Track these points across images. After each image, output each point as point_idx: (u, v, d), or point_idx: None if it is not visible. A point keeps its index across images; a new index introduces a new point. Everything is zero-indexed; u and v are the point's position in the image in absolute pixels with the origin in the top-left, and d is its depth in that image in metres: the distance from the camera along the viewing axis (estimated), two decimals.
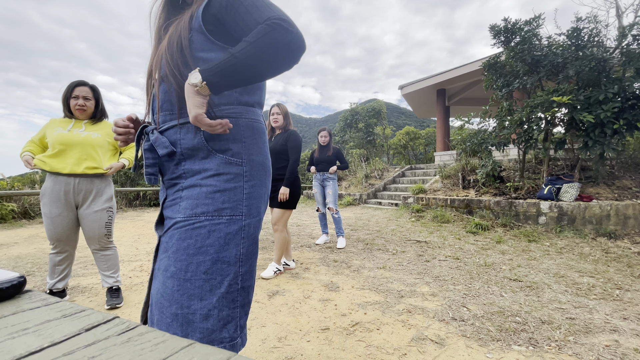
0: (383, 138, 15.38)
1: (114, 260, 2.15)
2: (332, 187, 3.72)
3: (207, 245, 0.71)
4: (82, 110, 1.97)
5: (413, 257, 3.15)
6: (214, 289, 0.71)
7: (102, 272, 2.11)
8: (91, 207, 1.99)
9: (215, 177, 0.75)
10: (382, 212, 6.70)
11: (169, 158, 0.77)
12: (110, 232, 2.08)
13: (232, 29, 0.74)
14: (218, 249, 0.72)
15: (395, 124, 42.00)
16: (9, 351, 0.28)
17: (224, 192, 0.75)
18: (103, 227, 2.03)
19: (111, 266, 2.12)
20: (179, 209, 0.74)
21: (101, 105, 2.08)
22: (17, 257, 3.33)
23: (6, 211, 5.72)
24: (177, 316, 0.69)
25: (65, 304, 0.41)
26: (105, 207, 2.03)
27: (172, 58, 0.73)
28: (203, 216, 0.72)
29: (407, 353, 1.47)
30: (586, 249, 3.29)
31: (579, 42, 4.28)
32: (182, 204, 0.74)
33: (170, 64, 0.73)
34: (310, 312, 1.93)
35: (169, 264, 0.72)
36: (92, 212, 1.99)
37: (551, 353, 1.46)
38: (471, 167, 6.23)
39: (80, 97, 1.96)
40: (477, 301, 2.06)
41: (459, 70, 8.56)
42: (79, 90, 1.96)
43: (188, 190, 0.75)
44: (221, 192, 0.74)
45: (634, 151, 4.91)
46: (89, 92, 2.00)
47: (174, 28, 0.76)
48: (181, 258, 0.71)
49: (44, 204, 1.93)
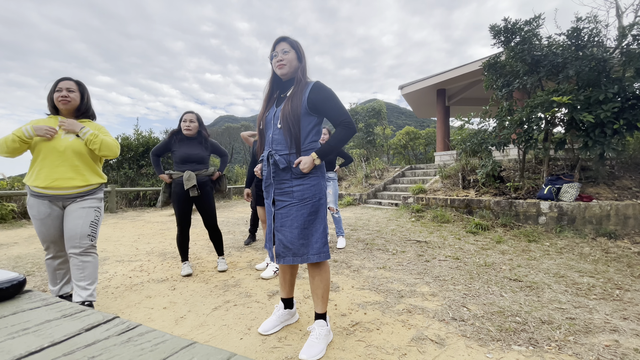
0: (383, 138, 15.38)
1: (92, 270, 1.86)
2: (332, 186, 3.72)
3: (312, 212, 1.50)
4: (66, 101, 1.84)
5: (413, 257, 3.15)
6: (317, 229, 1.51)
7: (76, 283, 1.81)
8: (79, 202, 1.85)
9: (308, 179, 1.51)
10: (382, 212, 6.70)
11: (282, 169, 1.51)
12: (94, 234, 1.87)
13: (322, 110, 1.52)
14: (316, 213, 1.51)
15: (395, 124, 42.01)
16: (9, 351, 0.28)
17: (314, 186, 1.51)
18: (87, 225, 1.83)
19: (88, 276, 1.83)
20: (292, 195, 1.50)
21: (87, 99, 1.95)
22: (17, 257, 3.33)
23: (6, 211, 5.72)
24: (303, 244, 1.48)
25: (65, 303, 0.41)
26: (94, 206, 1.90)
27: (292, 119, 1.47)
28: (308, 199, 1.50)
29: (407, 353, 1.47)
30: (586, 249, 3.29)
31: (579, 42, 4.28)
32: (295, 194, 1.50)
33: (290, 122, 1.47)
34: (310, 312, 1.93)
35: (291, 223, 1.49)
36: (79, 207, 1.84)
37: (551, 353, 1.46)
38: (471, 167, 6.23)
39: (63, 89, 1.85)
40: (477, 301, 2.06)
41: (459, 70, 8.56)
42: (63, 83, 1.86)
43: (296, 187, 1.50)
44: (313, 186, 1.51)
45: (634, 151, 4.91)
46: (73, 85, 1.89)
47: (291, 102, 1.48)
48: (300, 219, 1.48)
49: (30, 205, 1.80)
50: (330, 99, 1.50)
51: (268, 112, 1.60)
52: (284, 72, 1.53)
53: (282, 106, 1.50)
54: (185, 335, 1.69)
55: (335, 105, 1.50)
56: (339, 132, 1.49)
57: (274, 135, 1.52)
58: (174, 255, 3.34)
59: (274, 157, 1.49)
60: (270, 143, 1.54)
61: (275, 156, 1.49)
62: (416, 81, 10.04)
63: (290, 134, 1.47)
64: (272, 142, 1.53)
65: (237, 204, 9.35)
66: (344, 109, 1.52)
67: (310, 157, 1.46)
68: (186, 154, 2.63)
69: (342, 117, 1.49)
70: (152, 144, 9.50)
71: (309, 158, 1.46)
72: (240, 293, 2.27)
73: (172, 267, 2.93)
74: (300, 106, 1.47)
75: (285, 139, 1.49)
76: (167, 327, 1.78)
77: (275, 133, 1.52)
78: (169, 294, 2.27)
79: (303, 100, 1.47)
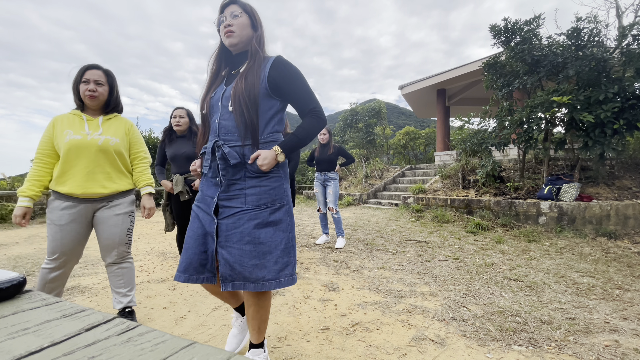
0: (383, 138, 15.37)
1: (130, 276, 1.79)
2: (333, 187, 3.72)
3: (269, 221, 1.14)
4: (93, 96, 1.64)
5: (413, 257, 3.15)
6: (277, 245, 1.14)
7: (116, 290, 1.75)
8: (113, 209, 1.69)
9: (268, 180, 1.17)
10: (382, 212, 6.70)
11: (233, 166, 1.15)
12: (130, 240, 1.77)
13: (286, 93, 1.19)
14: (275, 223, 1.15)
15: (395, 124, 41.97)
16: (9, 351, 0.28)
17: (274, 189, 1.18)
18: (124, 234, 1.72)
19: (127, 282, 1.77)
20: (244, 201, 1.15)
21: (116, 92, 1.75)
22: (17, 257, 3.33)
23: (6, 211, 5.72)
24: (256, 265, 1.11)
25: (65, 303, 0.41)
26: (128, 211, 1.74)
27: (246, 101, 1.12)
28: (265, 205, 1.15)
29: (407, 353, 1.47)
30: (586, 249, 3.29)
31: (579, 42, 4.28)
32: (248, 198, 1.15)
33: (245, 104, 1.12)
34: (310, 312, 1.93)
35: (241, 236, 1.12)
36: (113, 215, 1.68)
37: (551, 353, 1.46)
38: (471, 167, 6.23)
39: (91, 81, 1.63)
40: (477, 301, 2.06)
41: (459, 70, 8.56)
42: (90, 73, 1.64)
43: (251, 189, 1.15)
44: (273, 189, 1.18)
45: (634, 151, 4.91)
46: (102, 77, 1.67)
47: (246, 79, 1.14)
48: (252, 232, 1.12)
49: (52, 209, 1.58)
50: (296, 78, 1.17)
51: (215, 92, 1.23)
52: (234, 43, 1.19)
53: (234, 84, 1.15)
54: (185, 335, 1.69)
55: (302, 88, 1.18)
56: (309, 123, 1.17)
57: (223, 121, 1.17)
58: (174, 255, 3.34)
59: (222, 150, 1.14)
60: (216, 131, 1.18)
61: (224, 148, 1.13)
62: (416, 81, 10.04)
63: (244, 120, 1.13)
64: (219, 130, 1.17)
65: None
66: (313, 95, 1.21)
67: (272, 152, 1.13)
68: (173, 154, 2.60)
69: (311, 103, 1.19)
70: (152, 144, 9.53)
71: (271, 152, 1.13)
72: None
73: (172, 267, 2.93)
74: (259, 84, 1.14)
75: (238, 127, 1.14)
76: (167, 327, 1.78)
77: (224, 118, 1.16)
78: (169, 294, 2.27)
79: (262, 78, 1.15)
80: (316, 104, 1.20)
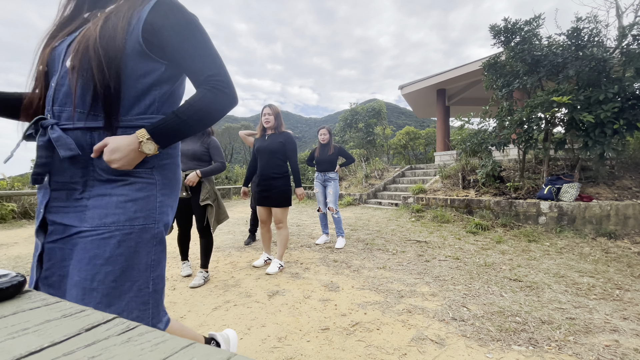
0: (383, 138, 15.38)
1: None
2: (333, 187, 3.72)
3: (117, 254, 0.69)
4: None
5: (413, 257, 3.15)
6: (122, 295, 0.70)
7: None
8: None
9: (127, 186, 0.74)
10: (382, 212, 6.70)
11: (69, 160, 0.71)
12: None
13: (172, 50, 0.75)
14: (128, 258, 0.71)
15: (395, 124, 41.99)
16: (9, 351, 0.28)
17: (137, 201, 0.74)
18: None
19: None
20: (83, 217, 0.71)
21: None
22: (17, 257, 3.33)
23: (6, 211, 5.72)
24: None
25: (66, 303, 0.41)
26: None
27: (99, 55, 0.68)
28: (114, 226, 0.70)
29: (407, 353, 1.47)
30: (586, 249, 3.29)
31: (579, 42, 4.28)
32: (88, 212, 0.71)
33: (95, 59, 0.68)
34: (310, 312, 1.93)
35: (71, 273, 0.69)
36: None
37: (551, 353, 1.46)
38: (471, 167, 6.23)
39: None
40: (477, 301, 2.06)
41: (459, 70, 8.56)
42: None
43: (95, 199, 0.71)
44: (133, 202, 0.73)
45: (634, 151, 4.91)
46: None
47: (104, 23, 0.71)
48: (86, 268, 0.68)
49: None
50: (190, 28, 0.76)
51: (62, 41, 0.76)
52: None
53: (84, 29, 0.73)
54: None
55: (198, 44, 0.77)
56: (200, 97, 0.76)
57: (60, 87, 0.72)
58: (174, 255, 3.34)
59: (52, 133, 0.68)
60: (50, 102, 0.73)
61: (51, 131, 0.68)
62: (416, 81, 10.04)
63: (93, 85, 0.69)
64: (53, 101, 0.72)
65: (237, 204, 9.35)
66: (216, 57, 0.79)
67: (130, 138, 0.70)
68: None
69: (209, 69, 0.77)
70: None
71: (128, 140, 0.70)
72: (240, 293, 2.27)
73: (172, 267, 2.93)
74: (125, 33, 0.71)
75: (82, 96, 0.70)
76: None
77: (63, 83, 0.71)
78: (169, 293, 2.27)
79: (132, 24, 0.72)
80: (219, 70, 0.78)
